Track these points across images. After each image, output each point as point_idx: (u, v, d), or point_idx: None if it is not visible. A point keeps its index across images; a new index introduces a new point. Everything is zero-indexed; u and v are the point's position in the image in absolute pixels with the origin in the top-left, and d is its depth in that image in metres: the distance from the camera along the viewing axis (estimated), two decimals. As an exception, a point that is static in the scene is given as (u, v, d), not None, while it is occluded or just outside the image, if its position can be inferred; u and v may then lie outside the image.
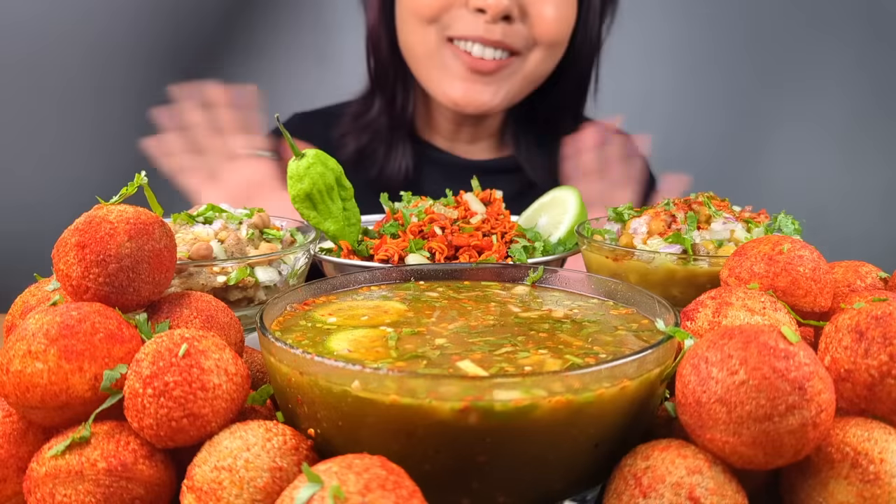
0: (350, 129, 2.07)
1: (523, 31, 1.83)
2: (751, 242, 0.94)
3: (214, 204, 1.14)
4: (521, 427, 0.65)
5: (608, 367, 0.67)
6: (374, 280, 1.00)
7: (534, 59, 1.88)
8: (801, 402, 0.63)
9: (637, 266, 1.11)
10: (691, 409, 0.66)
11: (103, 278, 0.80)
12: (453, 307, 0.91)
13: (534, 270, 1.00)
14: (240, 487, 0.65)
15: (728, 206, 1.20)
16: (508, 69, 1.87)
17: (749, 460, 0.65)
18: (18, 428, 0.76)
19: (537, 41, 1.86)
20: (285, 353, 0.71)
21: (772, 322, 0.82)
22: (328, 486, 0.58)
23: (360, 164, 2.03)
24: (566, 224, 1.33)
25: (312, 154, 1.17)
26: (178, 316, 0.85)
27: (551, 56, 1.92)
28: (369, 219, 1.37)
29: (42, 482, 0.69)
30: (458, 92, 1.86)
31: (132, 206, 0.84)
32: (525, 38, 1.84)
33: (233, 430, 0.69)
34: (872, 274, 0.99)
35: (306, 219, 1.20)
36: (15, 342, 0.72)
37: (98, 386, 0.72)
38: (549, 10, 1.83)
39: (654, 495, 0.64)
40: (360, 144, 2.04)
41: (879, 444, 0.67)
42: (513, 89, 1.91)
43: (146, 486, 0.70)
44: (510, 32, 1.81)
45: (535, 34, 1.85)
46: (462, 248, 1.20)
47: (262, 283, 1.07)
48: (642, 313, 0.89)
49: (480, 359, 0.74)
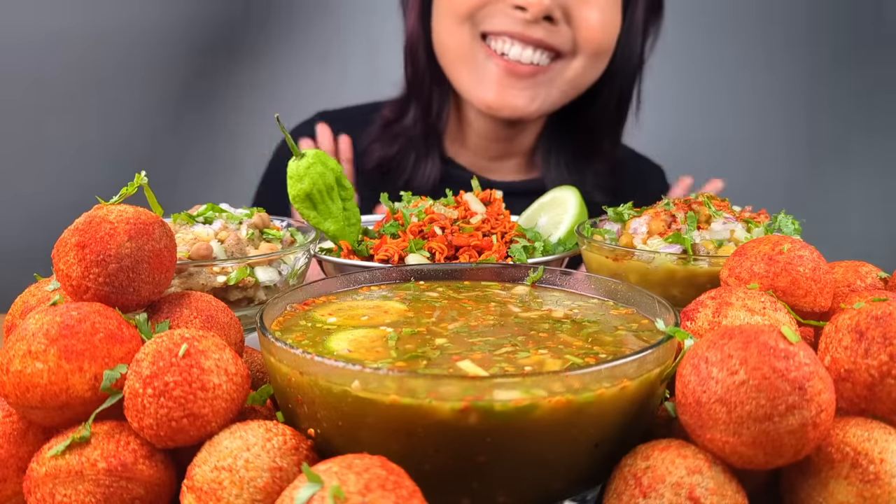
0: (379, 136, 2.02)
1: (566, 33, 1.77)
2: (751, 242, 0.94)
3: (214, 204, 1.14)
4: (521, 427, 0.65)
5: (608, 367, 0.67)
6: (374, 280, 1.00)
7: (575, 66, 1.82)
8: (801, 402, 0.63)
9: (637, 266, 1.11)
10: (691, 409, 0.66)
11: (103, 278, 0.80)
12: (453, 307, 0.91)
13: (534, 270, 1.00)
14: (240, 487, 0.65)
15: (728, 206, 1.20)
16: (547, 75, 1.80)
17: (749, 460, 0.65)
18: (18, 428, 0.76)
19: (580, 47, 1.79)
20: (285, 353, 0.71)
21: (772, 322, 0.82)
22: (328, 486, 0.58)
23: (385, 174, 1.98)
24: (566, 224, 1.32)
25: (312, 154, 1.17)
26: (178, 316, 0.85)
27: (594, 65, 1.84)
28: (369, 219, 1.37)
29: (42, 482, 0.69)
30: (490, 95, 1.80)
31: (132, 206, 0.84)
32: (568, 41, 1.77)
33: (233, 430, 0.69)
34: (872, 274, 0.99)
35: (306, 219, 1.20)
36: (15, 342, 0.72)
37: (98, 386, 0.72)
38: (595, 15, 1.77)
39: (654, 495, 0.64)
40: (387, 153, 1.99)
41: (879, 444, 0.67)
42: (550, 96, 1.84)
43: (146, 486, 0.70)
44: (553, 34, 1.75)
45: (579, 39, 1.78)
46: (462, 248, 1.20)
47: (262, 283, 1.07)
48: (642, 313, 0.89)
49: (480, 359, 0.74)
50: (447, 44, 1.86)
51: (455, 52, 1.84)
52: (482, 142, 2.02)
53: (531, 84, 1.80)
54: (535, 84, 1.81)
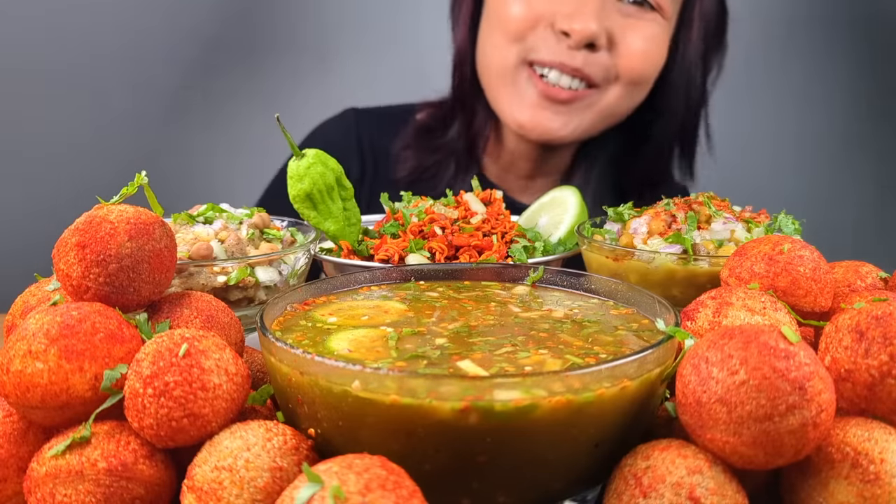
0: (413, 142, 2.00)
1: (607, 61, 1.77)
2: (751, 242, 0.94)
3: (214, 204, 1.14)
4: (522, 427, 0.65)
5: (608, 367, 0.67)
6: (375, 280, 1.00)
7: (613, 93, 1.82)
8: (802, 402, 0.63)
9: (637, 266, 1.11)
10: (691, 409, 0.66)
11: (103, 278, 0.80)
12: (453, 307, 0.91)
13: (534, 270, 1.00)
14: (240, 487, 0.65)
15: (728, 206, 1.20)
16: (584, 101, 1.81)
17: (749, 460, 0.65)
18: (18, 428, 0.76)
19: (619, 75, 1.79)
20: (285, 353, 0.71)
21: (772, 322, 0.82)
22: (328, 486, 0.58)
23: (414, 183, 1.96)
24: (566, 224, 1.32)
25: (312, 154, 1.17)
26: (179, 316, 0.85)
27: (632, 94, 1.84)
28: (369, 219, 1.37)
29: (42, 482, 0.69)
30: (525, 116, 1.81)
31: (132, 206, 0.84)
32: (606, 69, 1.78)
33: (233, 430, 0.69)
34: (872, 274, 0.99)
35: (306, 219, 1.20)
36: (15, 342, 0.73)
37: (98, 386, 0.72)
38: (638, 44, 1.77)
39: (655, 495, 0.64)
40: (422, 162, 1.98)
41: (879, 444, 0.67)
42: (584, 122, 1.84)
43: (146, 486, 0.70)
44: (591, 61, 1.75)
45: (619, 66, 1.78)
46: (462, 248, 1.20)
47: (263, 283, 1.07)
48: (642, 313, 0.89)
49: (480, 359, 0.74)
50: (491, 60, 1.86)
51: (498, 70, 1.84)
52: (515, 160, 2.02)
53: (567, 109, 1.81)
54: (570, 110, 1.81)
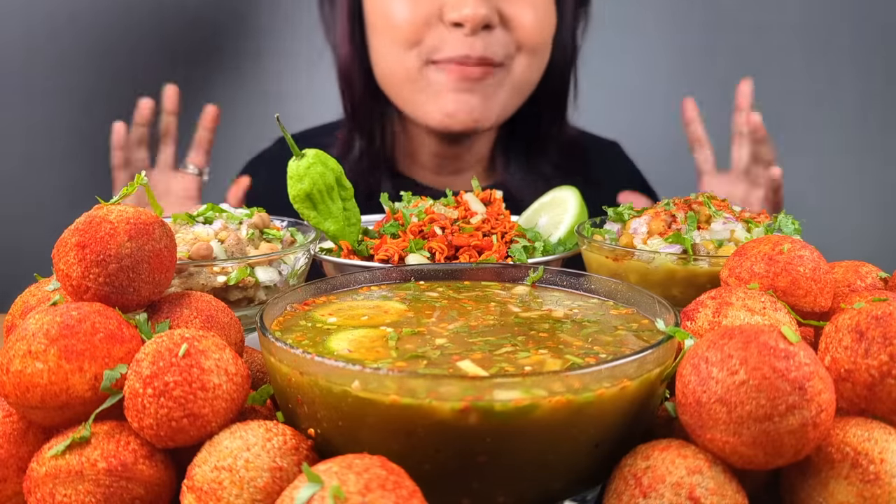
0: None
1: (504, 38, 1.79)
2: (751, 242, 0.94)
3: (214, 204, 1.14)
4: (522, 427, 0.65)
5: (608, 367, 0.67)
6: (374, 280, 1.00)
7: (519, 65, 1.83)
8: (802, 402, 0.63)
9: (637, 266, 1.11)
10: (691, 409, 0.66)
11: (103, 278, 0.80)
12: (453, 307, 0.91)
13: (534, 270, 1.00)
14: (240, 487, 0.65)
15: (728, 206, 1.20)
16: (495, 77, 1.81)
17: (749, 460, 0.65)
18: (18, 428, 0.76)
19: (520, 47, 1.81)
20: (285, 353, 0.71)
21: (772, 322, 0.82)
22: (328, 486, 0.58)
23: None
24: (566, 224, 1.32)
25: (312, 154, 1.17)
26: (178, 316, 0.85)
27: (536, 62, 1.86)
28: (369, 219, 1.37)
29: (42, 482, 0.69)
30: (450, 105, 1.79)
31: (132, 206, 0.84)
32: (505, 45, 1.79)
33: (233, 430, 0.69)
34: (872, 274, 0.99)
35: (306, 219, 1.20)
36: (15, 342, 0.72)
37: (98, 386, 0.72)
38: (529, 14, 1.79)
39: (655, 495, 0.64)
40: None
41: (879, 444, 0.67)
42: (501, 100, 1.85)
43: (146, 486, 0.70)
44: (491, 42, 1.76)
45: (517, 39, 1.80)
46: (462, 248, 1.20)
47: (262, 283, 1.07)
48: (642, 313, 0.89)
49: (480, 359, 0.74)
50: (394, 70, 1.83)
51: (401, 77, 1.82)
52: (434, 159, 2.00)
53: (482, 86, 1.80)
54: (485, 86, 1.80)
